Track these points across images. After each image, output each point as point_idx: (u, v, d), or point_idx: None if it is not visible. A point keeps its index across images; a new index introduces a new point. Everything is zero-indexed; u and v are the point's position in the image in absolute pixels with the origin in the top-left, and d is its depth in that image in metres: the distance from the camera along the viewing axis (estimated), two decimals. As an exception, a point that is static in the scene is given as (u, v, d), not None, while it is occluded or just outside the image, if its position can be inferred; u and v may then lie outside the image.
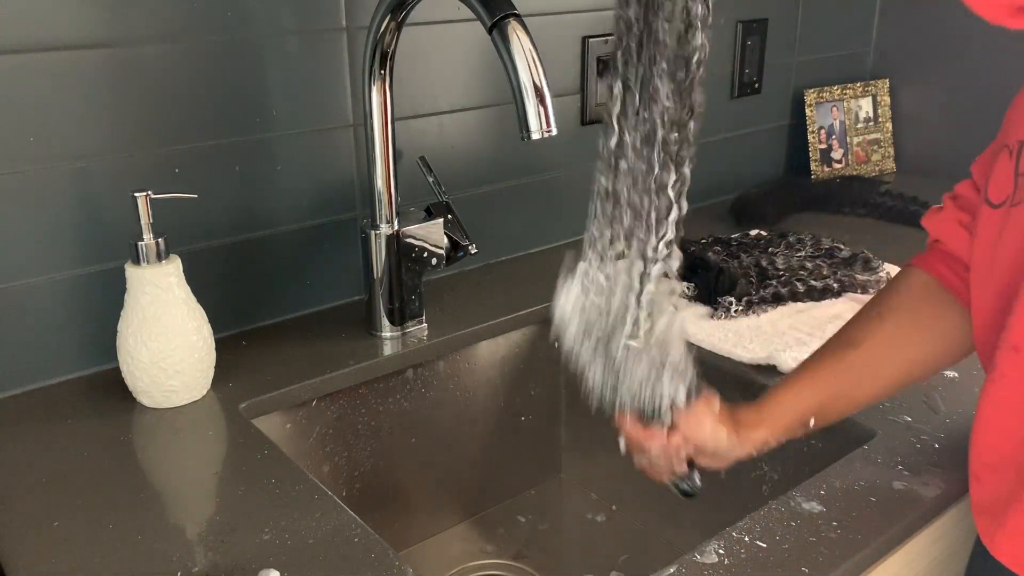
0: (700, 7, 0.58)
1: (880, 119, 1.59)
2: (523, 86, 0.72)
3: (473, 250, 0.99)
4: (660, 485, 0.75)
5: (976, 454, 0.67)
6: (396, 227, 0.93)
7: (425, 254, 0.96)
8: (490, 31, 0.73)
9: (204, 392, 0.84)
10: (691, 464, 0.72)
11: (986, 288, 0.65)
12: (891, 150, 1.61)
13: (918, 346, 0.72)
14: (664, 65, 0.60)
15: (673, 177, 0.61)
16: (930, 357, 0.73)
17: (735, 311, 0.99)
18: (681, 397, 0.67)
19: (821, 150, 1.55)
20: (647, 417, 0.69)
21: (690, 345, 0.67)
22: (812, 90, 1.53)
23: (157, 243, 0.79)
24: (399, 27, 0.85)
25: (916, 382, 0.75)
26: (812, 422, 0.72)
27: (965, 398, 0.82)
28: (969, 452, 0.68)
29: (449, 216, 0.97)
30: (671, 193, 0.61)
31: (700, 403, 0.70)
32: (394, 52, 0.87)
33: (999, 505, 0.63)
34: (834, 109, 1.55)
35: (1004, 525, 0.63)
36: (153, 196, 0.78)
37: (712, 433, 0.69)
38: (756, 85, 1.45)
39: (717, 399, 0.71)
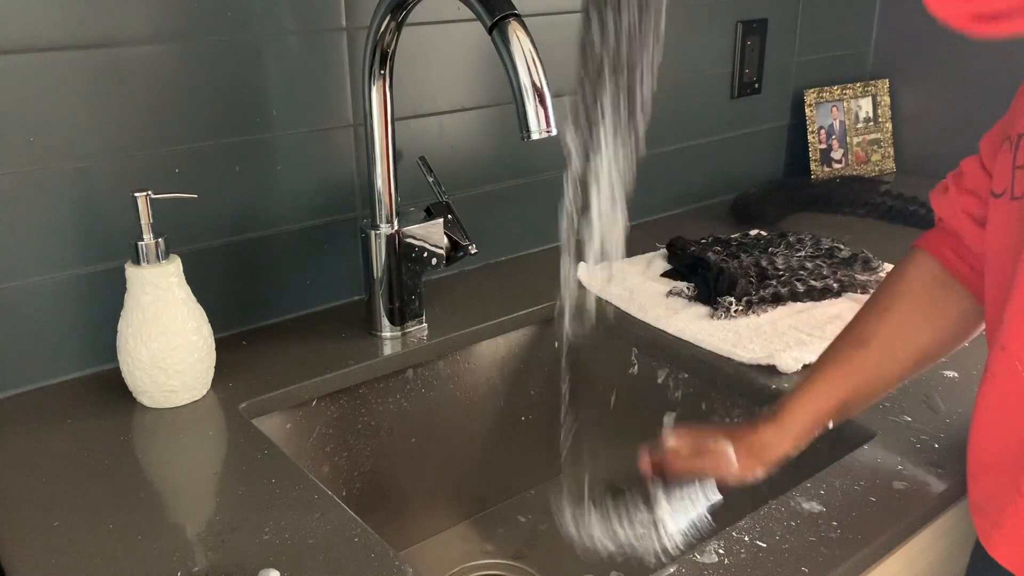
0: None
1: (880, 119, 1.59)
2: (523, 86, 0.72)
3: (473, 250, 0.99)
4: None
5: (972, 454, 0.67)
6: (396, 227, 0.93)
7: (425, 254, 0.96)
8: (490, 31, 0.73)
9: (204, 392, 0.84)
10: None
11: (989, 280, 0.65)
12: (891, 150, 1.61)
13: (926, 334, 0.73)
14: None
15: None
16: (939, 342, 0.73)
17: (735, 311, 0.99)
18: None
19: (821, 150, 1.55)
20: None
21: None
22: (812, 90, 1.53)
23: (157, 243, 0.79)
24: (399, 27, 0.85)
25: (930, 365, 0.75)
26: (831, 424, 0.73)
27: (965, 398, 0.82)
28: (967, 452, 0.68)
29: (449, 216, 0.97)
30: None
31: (717, 459, 0.71)
32: (394, 52, 0.87)
33: (994, 506, 0.64)
34: (834, 109, 1.55)
35: (1000, 526, 0.63)
36: (153, 196, 0.78)
37: (741, 474, 0.71)
38: (756, 85, 1.45)
39: (728, 444, 0.72)
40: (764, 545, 0.63)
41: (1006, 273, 0.61)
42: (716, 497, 0.72)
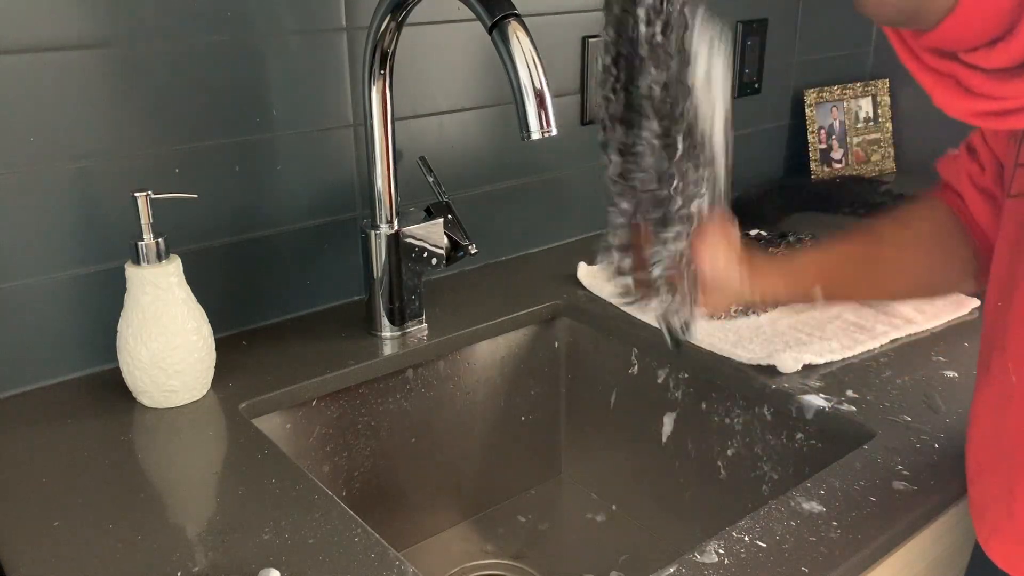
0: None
1: (880, 119, 1.59)
2: (523, 86, 0.72)
3: (473, 250, 0.99)
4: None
5: (970, 456, 0.67)
6: (396, 227, 0.93)
7: (425, 254, 0.96)
8: (490, 31, 0.73)
9: (204, 392, 0.84)
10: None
11: (991, 278, 0.65)
12: (891, 150, 1.61)
13: (932, 263, 0.75)
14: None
15: None
16: (943, 274, 0.75)
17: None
18: (705, 202, 0.63)
19: (821, 150, 1.55)
20: (663, 220, 0.63)
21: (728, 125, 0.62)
22: (812, 90, 1.53)
23: (157, 243, 0.79)
24: (399, 27, 0.85)
25: (922, 296, 0.77)
26: (819, 294, 0.73)
27: (965, 398, 0.82)
28: (966, 454, 0.68)
29: (449, 216, 0.97)
30: None
31: (718, 227, 0.66)
32: (394, 52, 0.87)
33: (991, 508, 0.64)
34: (834, 109, 1.55)
35: (997, 528, 0.63)
36: (153, 196, 0.78)
37: (725, 263, 0.67)
38: (756, 85, 1.45)
39: (737, 228, 0.68)
40: (764, 545, 0.63)
41: (1008, 272, 0.61)
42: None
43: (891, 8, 0.54)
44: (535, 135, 0.74)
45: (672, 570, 0.60)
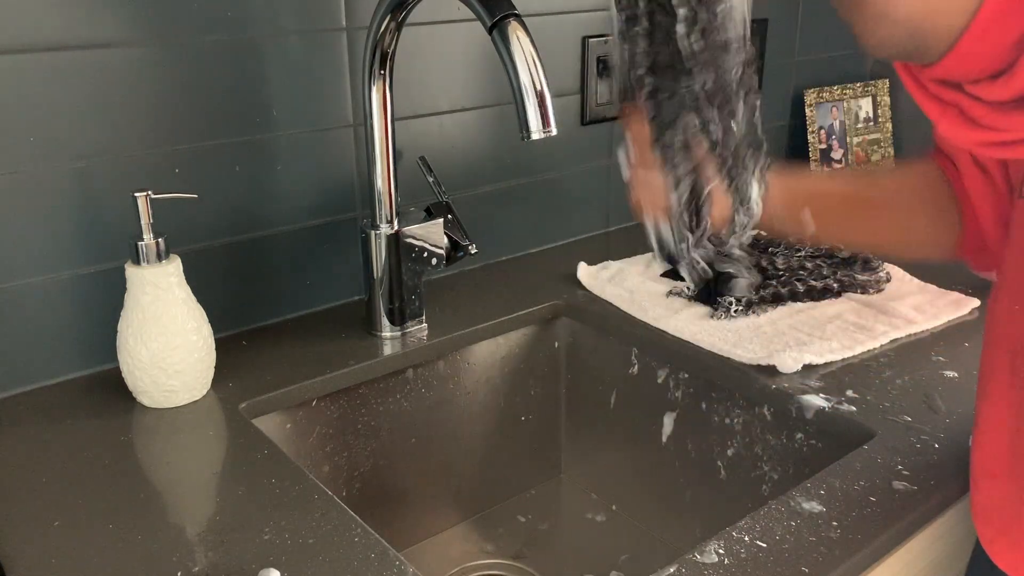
0: None
1: (880, 119, 1.59)
2: (523, 86, 0.72)
3: (473, 250, 0.99)
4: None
5: (976, 460, 0.67)
6: (396, 227, 0.93)
7: (425, 254, 0.96)
8: (490, 31, 0.73)
9: (204, 392, 0.84)
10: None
11: (1001, 282, 0.65)
12: (891, 150, 1.61)
13: (923, 219, 0.76)
14: None
15: None
16: (925, 237, 0.77)
17: (735, 311, 0.99)
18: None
19: (821, 150, 1.55)
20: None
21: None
22: (812, 90, 1.53)
23: (157, 243, 0.79)
24: (399, 27, 0.85)
25: (901, 252, 0.79)
26: (809, 219, 0.75)
27: (965, 398, 0.82)
28: (971, 457, 0.68)
29: (449, 216, 0.97)
30: None
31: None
32: (394, 52, 0.87)
33: (998, 513, 0.63)
34: (834, 109, 1.56)
35: (1005, 533, 0.63)
36: (153, 196, 0.78)
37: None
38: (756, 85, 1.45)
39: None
40: (764, 545, 0.63)
41: (1022, 275, 0.61)
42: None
43: (893, 46, 0.55)
44: (535, 135, 0.74)
45: (672, 570, 0.60)
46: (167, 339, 0.79)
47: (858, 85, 1.57)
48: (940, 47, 0.51)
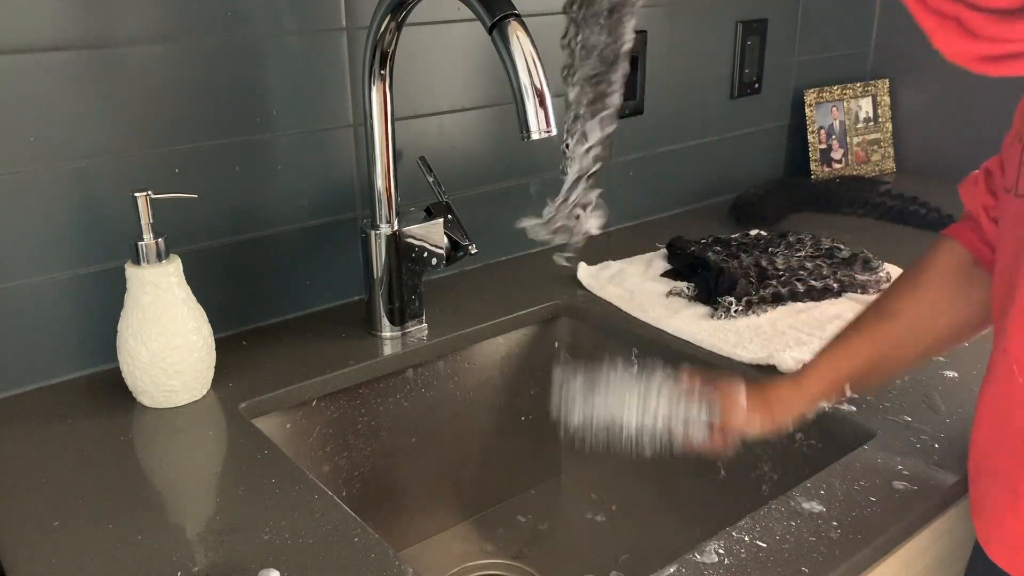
0: None
1: (880, 119, 1.59)
2: (523, 86, 0.72)
3: (473, 250, 0.99)
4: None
5: (972, 456, 0.67)
6: (396, 227, 0.93)
7: (425, 254, 0.96)
8: (490, 31, 0.73)
9: (204, 392, 0.84)
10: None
11: (996, 279, 0.65)
12: (891, 150, 1.61)
13: (951, 315, 0.75)
14: None
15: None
16: (961, 325, 0.75)
17: (735, 311, 0.99)
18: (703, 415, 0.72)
19: (821, 150, 1.55)
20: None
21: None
22: (812, 90, 1.53)
23: (157, 243, 0.79)
24: (399, 27, 0.85)
25: (947, 348, 0.80)
26: (848, 389, 0.75)
27: (965, 398, 0.82)
28: (968, 454, 0.68)
29: (449, 216, 0.97)
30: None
31: (727, 398, 0.73)
32: (394, 52, 0.87)
33: (993, 508, 0.64)
34: (834, 109, 1.56)
35: (999, 529, 0.63)
36: (153, 196, 0.78)
37: (747, 423, 0.73)
38: (756, 85, 1.45)
39: (742, 387, 0.74)
40: (764, 545, 0.63)
41: (1010, 271, 0.61)
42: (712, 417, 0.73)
43: None
44: (535, 135, 0.74)
45: (672, 570, 0.60)
46: (167, 339, 0.79)
47: (858, 85, 1.57)
48: None
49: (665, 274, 1.12)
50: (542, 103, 0.73)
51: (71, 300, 0.85)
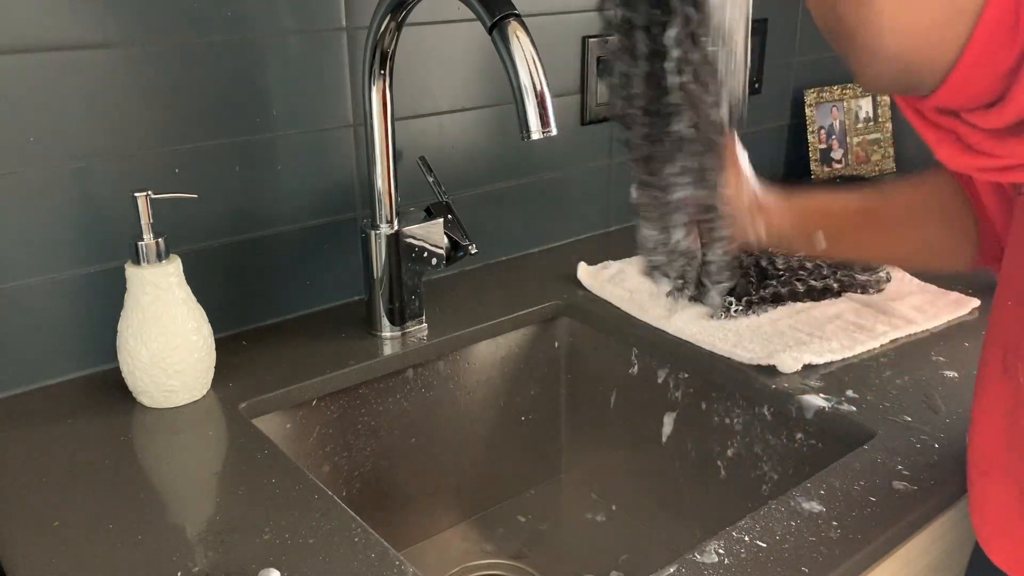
0: None
1: (880, 119, 1.59)
2: (523, 86, 0.72)
3: (473, 250, 0.99)
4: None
5: (972, 457, 0.67)
6: (396, 227, 0.93)
7: (425, 254, 0.96)
8: (490, 31, 0.73)
9: (204, 392, 0.84)
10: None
11: (1001, 279, 0.65)
12: (891, 150, 1.61)
13: (938, 230, 0.76)
14: None
15: None
16: (941, 248, 0.77)
17: (735, 311, 0.99)
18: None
19: (821, 150, 1.55)
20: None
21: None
22: (812, 90, 1.53)
23: (157, 243, 0.79)
24: (399, 27, 0.85)
25: (918, 265, 0.79)
26: (821, 239, 0.75)
27: (965, 398, 0.82)
28: (967, 455, 0.68)
29: (449, 216, 0.97)
30: None
31: (730, 157, 0.72)
32: (394, 52, 0.87)
33: (993, 509, 0.64)
34: (834, 109, 1.56)
35: (999, 530, 0.63)
36: (153, 196, 0.78)
37: (737, 193, 0.72)
38: (756, 85, 1.45)
39: (747, 158, 0.74)
40: (764, 545, 0.63)
41: (1021, 272, 0.61)
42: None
43: (887, 81, 0.56)
44: (535, 135, 0.74)
45: (672, 570, 0.61)
46: (167, 339, 0.79)
47: (858, 85, 1.57)
48: (932, 81, 0.53)
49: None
50: (542, 103, 0.73)
51: (71, 300, 0.85)
